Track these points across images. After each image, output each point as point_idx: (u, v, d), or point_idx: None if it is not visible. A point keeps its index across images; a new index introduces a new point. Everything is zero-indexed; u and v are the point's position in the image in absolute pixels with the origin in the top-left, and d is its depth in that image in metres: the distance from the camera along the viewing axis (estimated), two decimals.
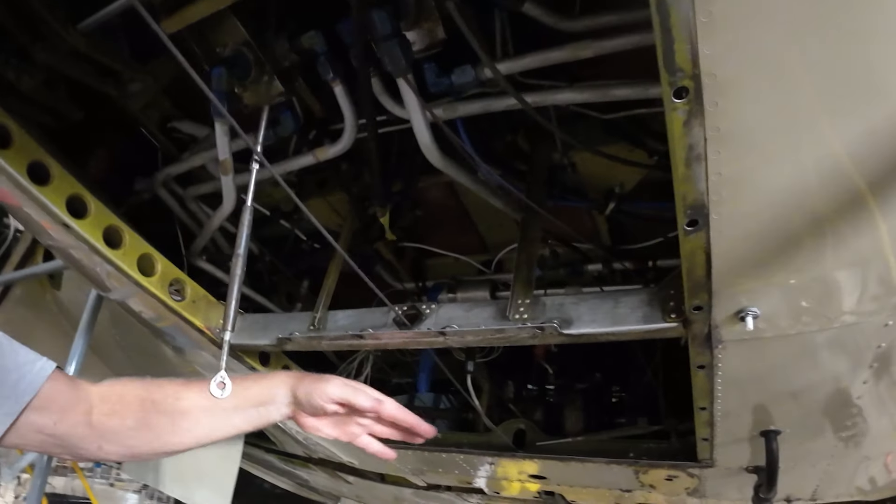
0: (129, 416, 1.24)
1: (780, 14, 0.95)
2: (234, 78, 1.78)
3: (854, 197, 1.29)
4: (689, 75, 1.02)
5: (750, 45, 0.99)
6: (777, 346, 1.67)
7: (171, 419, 1.26)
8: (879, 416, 2.19)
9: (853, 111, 1.14)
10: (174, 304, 2.25)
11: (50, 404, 1.15)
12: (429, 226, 2.92)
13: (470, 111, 1.85)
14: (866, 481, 2.74)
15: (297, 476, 5.17)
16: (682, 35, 0.96)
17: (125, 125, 2.65)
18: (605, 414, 3.09)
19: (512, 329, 1.77)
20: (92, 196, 1.98)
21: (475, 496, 3.86)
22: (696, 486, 2.80)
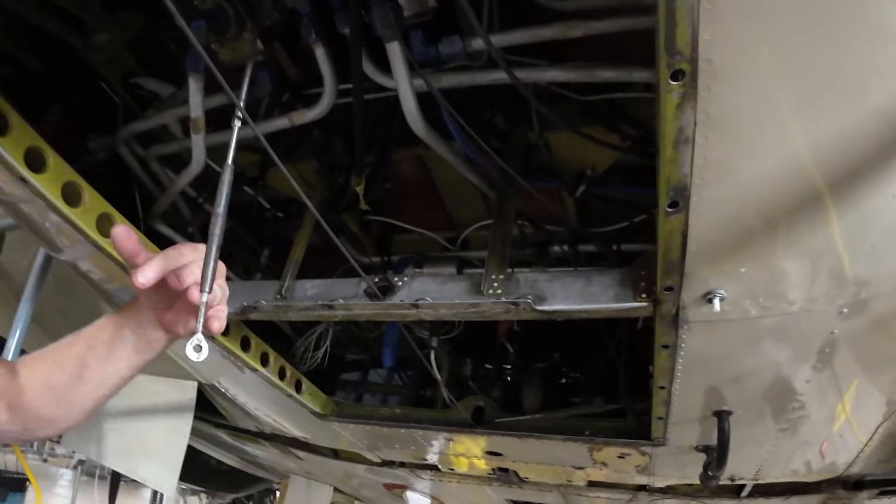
0: (35, 384, 1.20)
1: (780, 8, 0.98)
2: (213, 33, 1.71)
3: (815, 192, 1.35)
4: (687, 59, 1.04)
5: (748, 35, 1.02)
6: (739, 329, 1.74)
7: (68, 372, 1.21)
8: (821, 404, 2.32)
9: (829, 110, 1.19)
10: None
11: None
12: (396, 199, 2.90)
13: (456, 83, 1.84)
14: (803, 465, 2.90)
15: (245, 452, 5.12)
16: (685, 19, 0.98)
17: (84, 80, 2.53)
18: (562, 393, 3.16)
19: (486, 304, 1.79)
20: (51, 150, 1.87)
21: (429, 472, 3.91)
22: (645, 465, 2.92)
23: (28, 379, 1.22)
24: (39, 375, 1.22)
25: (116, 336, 1.20)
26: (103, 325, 1.23)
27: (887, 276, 1.66)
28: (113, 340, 1.20)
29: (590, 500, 3.93)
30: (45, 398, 1.21)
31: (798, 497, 3.21)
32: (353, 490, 5.34)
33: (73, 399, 1.22)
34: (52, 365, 1.22)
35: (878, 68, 1.10)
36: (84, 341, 1.22)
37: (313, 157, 2.59)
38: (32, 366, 1.24)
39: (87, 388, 1.21)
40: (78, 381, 1.20)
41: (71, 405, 1.23)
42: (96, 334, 1.21)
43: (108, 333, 1.21)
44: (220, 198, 1.26)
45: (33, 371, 1.23)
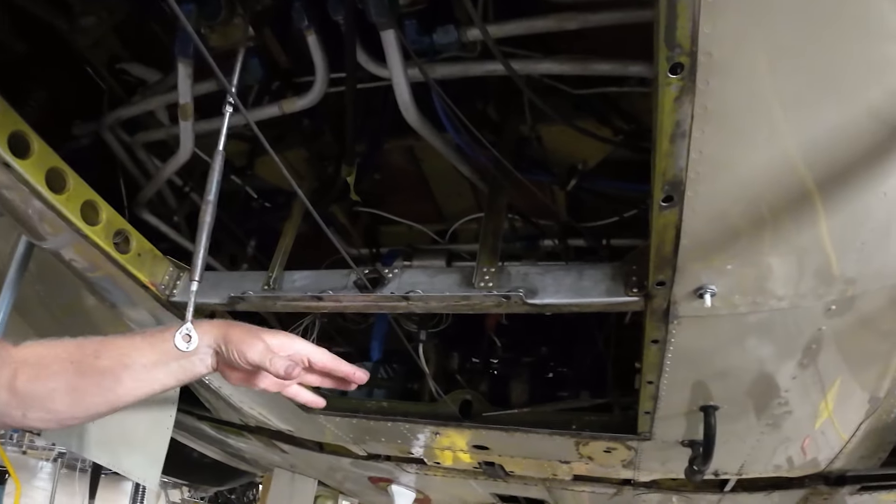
0: (51, 380, 1.18)
1: (780, 3, 0.97)
2: (203, 17, 1.68)
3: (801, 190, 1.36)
4: (686, 52, 1.03)
5: (748, 29, 1.01)
6: (728, 324, 1.75)
7: (92, 380, 1.20)
8: (805, 401, 2.34)
9: (826, 106, 1.20)
10: (118, 257, 2.14)
11: None
12: (385, 190, 2.88)
13: (449, 73, 1.82)
14: (786, 460, 2.93)
15: (229, 445, 5.08)
16: (686, 12, 0.97)
17: (68, 63, 2.48)
18: (550, 387, 3.16)
19: (478, 296, 1.78)
20: (35, 135, 1.83)
21: (414, 466, 3.90)
22: (631, 459, 2.93)
23: (40, 372, 1.20)
24: (57, 374, 1.20)
25: (160, 362, 1.22)
26: (141, 346, 1.23)
27: (876, 273, 1.67)
28: (155, 366, 1.21)
29: (574, 494, 3.95)
30: (60, 396, 1.20)
31: (781, 492, 3.25)
32: (337, 483, 5.32)
33: (93, 405, 1.23)
34: (70, 367, 1.21)
35: (876, 66, 1.10)
36: (117, 358, 1.21)
37: (303, 146, 2.56)
38: (44, 359, 1.22)
39: (111, 399, 1.22)
40: (104, 391, 1.21)
41: (88, 410, 1.24)
42: (134, 355, 1.21)
43: (151, 359, 1.22)
44: (210, 185, 1.24)
45: (46, 365, 1.21)
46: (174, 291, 2.30)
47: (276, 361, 1.22)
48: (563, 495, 4.05)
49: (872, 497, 3.30)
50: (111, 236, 2.13)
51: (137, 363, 1.21)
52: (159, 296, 2.28)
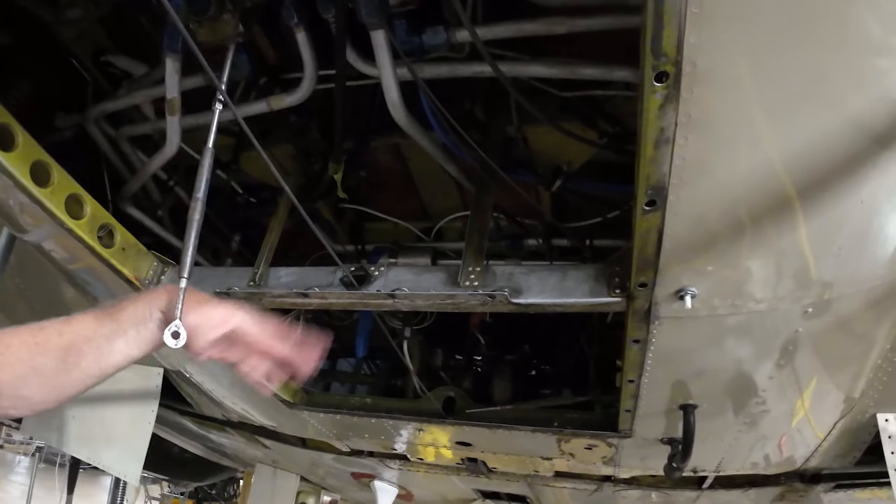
0: (18, 364, 1.18)
1: (765, 16, 1.00)
2: (192, 12, 1.67)
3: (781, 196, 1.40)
4: (671, 61, 1.05)
5: (731, 40, 1.04)
6: (708, 325, 1.78)
7: (56, 357, 1.19)
8: (781, 400, 2.39)
9: (807, 115, 1.23)
10: (103, 251, 2.12)
11: None
12: (370, 188, 2.89)
13: (437, 74, 1.83)
14: (762, 458, 2.99)
15: (210, 440, 5.06)
16: (672, 22, 1.00)
17: (52, 55, 2.45)
18: (532, 385, 3.20)
19: (463, 295, 1.80)
20: (20, 128, 1.82)
21: (397, 461, 3.92)
22: (611, 456, 2.97)
23: (7, 357, 1.19)
24: (22, 357, 1.19)
25: (119, 331, 1.21)
26: (100, 318, 1.22)
27: (851, 278, 1.72)
28: (114, 335, 1.20)
29: (555, 490, 3.99)
30: (27, 380, 1.20)
31: (757, 489, 3.31)
32: (319, 479, 5.32)
33: (60, 384, 1.21)
34: (35, 348, 1.20)
35: (857, 77, 1.13)
36: (78, 333, 1.21)
37: (289, 142, 2.56)
38: (10, 344, 1.21)
39: (78, 377, 1.21)
40: (69, 368, 1.19)
41: (57, 390, 1.22)
42: (95, 327, 1.21)
43: (110, 329, 1.21)
44: (199, 182, 1.25)
45: (12, 350, 1.20)
46: (158, 286, 2.29)
47: (203, 335, 1.21)
48: (544, 491, 4.09)
49: (847, 494, 3.37)
50: (95, 230, 2.12)
51: (98, 335, 1.20)
52: (143, 291, 2.27)
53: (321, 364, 3.92)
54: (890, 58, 1.17)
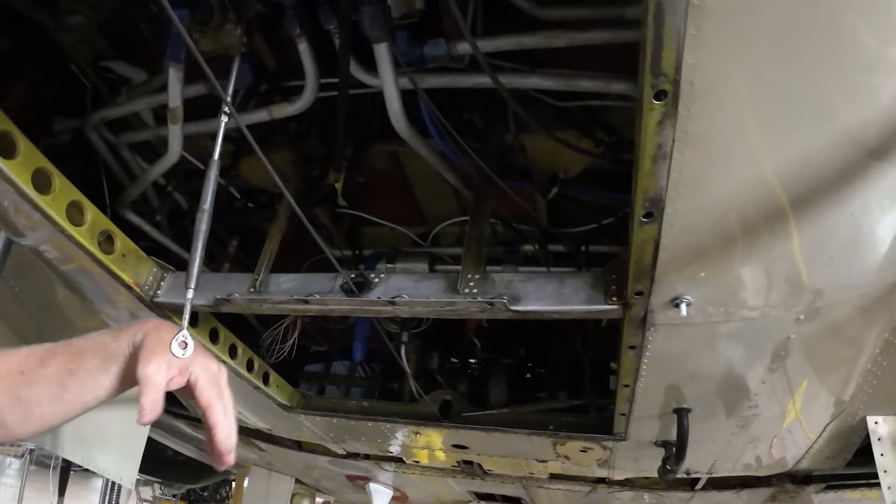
0: (1, 395, 1.16)
1: (760, 36, 1.03)
2: (195, 22, 1.69)
3: (783, 207, 1.43)
4: (670, 80, 1.08)
5: (728, 60, 1.07)
6: (702, 332, 1.82)
7: (39, 389, 1.16)
8: (773, 403, 2.44)
9: (798, 131, 1.27)
10: (103, 258, 2.13)
11: None
12: (367, 193, 2.91)
13: (437, 84, 1.86)
14: (754, 460, 3.04)
15: (203, 442, 5.05)
16: (672, 43, 1.03)
17: (50, 60, 2.45)
18: (528, 388, 3.23)
19: (462, 302, 1.82)
20: (22, 135, 1.83)
21: (393, 464, 3.94)
22: (606, 458, 3.01)
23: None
24: (7, 387, 1.17)
25: (103, 367, 1.17)
26: (84, 352, 1.19)
27: (841, 285, 1.76)
28: (99, 371, 1.17)
29: (549, 492, 4.03)
30: (10, 408, 1.17)
31: (749, 490, 3.36)
32: (314, 481, 5.34)
33: (42, 415, 1.19)
34: (19, 378, 1.18)
35: (849, 93, 1.17)
36: (63, 364, 1.18)
37: (288, 148, 2.57)
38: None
39: (60, 410, 1.18)
40: (53, 401, 1.17)
41: (38, 421, 1.19)
42: (79, 361, 1.18)
43: (94, 364, 1.18)
44: (206, 194, 1.27)
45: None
46: (158, 292, 2.30)
47: (143, 395, 1.11)
48: (538, 493, 4.13)
49: (837, 495, 3.42)
50: (96, 237, 2.13)
51: (82, 369, 1.17)
52: (143, 297, 2.28)
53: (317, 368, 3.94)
54: (882, 73, 1.20)
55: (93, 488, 11.58)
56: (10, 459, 10.88)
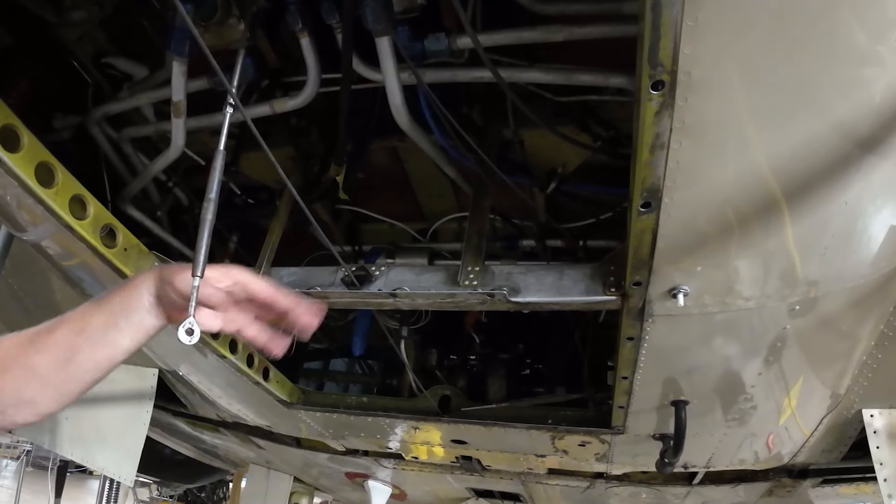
0: (14, 367, 1.17)
1: (756, 28, 1.06)
2: (199, 17, 1.71)
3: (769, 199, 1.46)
4: (667, 70, 1.11)
5: (724, 51, 1.10)
6: (699, 323, 1.85)
7: (51, 355, 1.17)
8: (769, 397, 2.46)
9: (790, 123, 1.29)
10: (105, 252, 2.14)
11: None
12: (367, 189, 2.93)
13: (438, 79, 1.88)
14: (751, 454, 3.06)
15: (203, 441, 5.06)
16: (669, 34, 1.05)
17: (52, 55, 2.47)
18: (526, 383, 3.25)
19: (463, 294, 1.85)
20: (26, 129, 1.84)
21: (392, 460, 3.96)
22: (604, 452, 3.03)
23: (3, 359, 1.19)
24: (18, 358, 1.19)
25: (110, 322, 1.19)
26: (91, 310, 1.21)
27: (836, 276, 1.79)
28: (106, 327, 1.19)
29: (547, 488, 4.05)
30: (26, 381, 1.18)
31: (746, 484, 3.39)
32: (312, 479, 5.34)
33: (60, 383, 1.20)
34: (29, 348, 1.19)
35: (843, 85, 1.19)
36: (70, 327, 1.19)
37: (289, 143, 2.59)
38: (5, 346, 1.21)
39: (76, 373, 1.19)
40: (66, 365, 1.18)
41: (57, 389, 1.20)
42: (86, 319, 1.19)
43: (101, 320, 1.19)
44: (211, 184, 1.29)
45: (7, 352, 1.20)
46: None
47: (205, 290, 1.18)
48: (536, 489, 4.15)
49: (833, 489, 3.46)
50: (98, 231, 2.14)
51: (90, 327, 1.18)
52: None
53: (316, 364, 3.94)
54: (874, 66, 1.23)
55: (90, 489, 11.57)
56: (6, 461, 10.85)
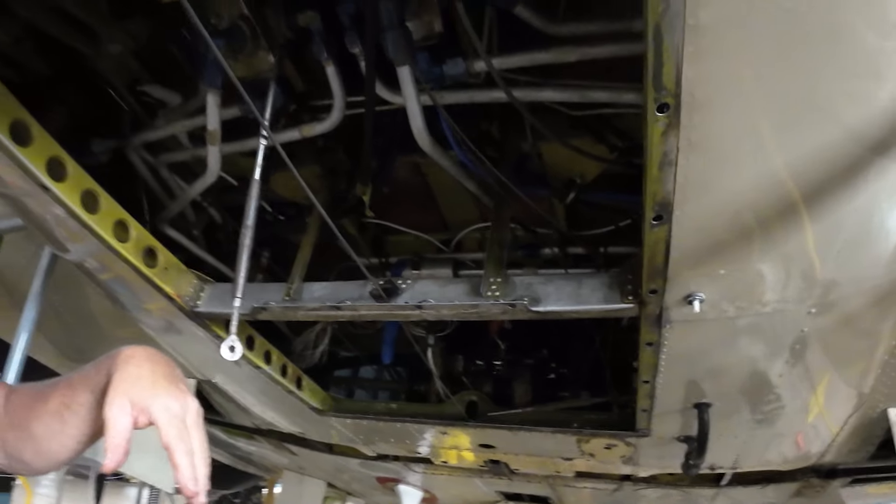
0: (17, 429, 1.23)
1: (757, 49, 1.12)
2: (230, 50, 1.82)
3: (789, 204, 1.51)
4: (671, 94, 1.18)
5: (726, 72, 1.16)
6: (717, 328, 1.90)
7: (44, 424, 1.20)
8: (794, 397, 2.49)
9: (799, 133, 1.35)
10: (147, 272, 2.27)
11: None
12: (391, 202, 3.02)
13: (456, 100, 1.97)
14: (778, 454, 3.08)
15: (238, 448, 5.21)
16: (671, 59, 1.12)
17: (88, 84, 2.61)
18: (551, 388, 3.31)
19: (485, 305, 1.92)
20: (70, 159, 1.97)
21: (422, 465, 4.04)
22: (630, 455, 3.08)
23: (15, 418, 1.25)
24: (24, 422, 1.24)
25: (92, 400, 1.18)
26: (76, 387, 1.21)
27: (851, 279, 1.82)
28: (90, 405, 1.18)
29: (576, 491, 4.10)
30: (25, 444, 1.24)
31: (774, 485, 3.40)
32: (344, 484, 5.46)
33: (51, 450, 1.24)
34: (30, 413, 1.23)
35: (849, 95, 1.24)
36: (60, 400, 1.21)
37: (316, 162, 2.70)
38: (19, 408, 1.26)
39: (67, 444, 1.22)
40: (57, 435, 1.21)
41: (49, 455, 1.25)
42: (71, 395, 1.20)
43: (84, 398, 1.19)
44: (248, 210, 1.39)
45: (18, 416, 1.26)
46: (198, 303, 2.44)
47: (106, 438, 1.07)
48: (565, 492, 4.20)
49: (863, 489, 3.44)
50: (140, 252, 2.27)
51: (75, 402, 1.19)
52: (184, 307, 2.42)
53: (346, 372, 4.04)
54: (881, 72, 1.27)
55: (127, 497, 11.84)
56: None
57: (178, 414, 1.12)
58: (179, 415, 1.12)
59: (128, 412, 1.08)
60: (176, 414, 1.11)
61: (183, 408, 1.13)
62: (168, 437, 1.09)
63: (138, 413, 1.09)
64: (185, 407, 1.14)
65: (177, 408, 1.12)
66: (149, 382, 1.13)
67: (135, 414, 1.09)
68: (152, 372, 1.15)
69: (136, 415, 1.09)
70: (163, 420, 1.09)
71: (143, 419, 1.10)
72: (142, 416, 1.09)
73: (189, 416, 1.14)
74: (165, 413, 1.10)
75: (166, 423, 1.09)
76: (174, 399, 1.13)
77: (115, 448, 1.05)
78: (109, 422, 1.07)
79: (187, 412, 1.14)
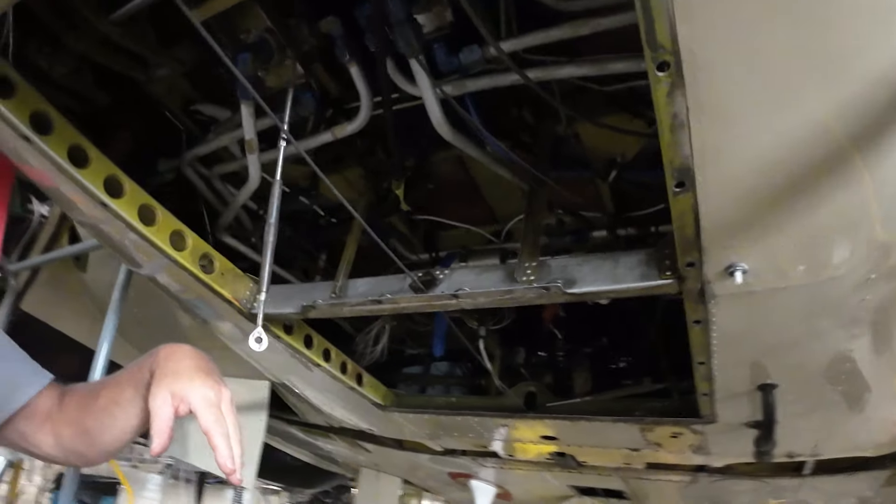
0: (73, 425, 1.36)
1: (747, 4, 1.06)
2: (258, 62, 1.90)
3: (838, 156, 1.39)
4: (669, 51, 1.13)
5: (721, 25, 1.10)
6: (766, 300, 1.79)
7: (96, 419, 1.34)
8: (875, 374, 2.30)
9: (821, 83, 1.25)
10: (204, 277, 2.40)
11: (36, 414, 1.34)
12: (440, 198, 3.05)
13: (478, 87, 1.97)
14: (863, 439, 2.86)
15: (317, 447, 5.39)
16: (662, 16, 1.08)
17: (144, 108, 2.79)
18: (611, 376, 3.23)
19: (519, 290, 1.91)
20: (126, 177, 2.12)
21: (490, 460, 4.04)
22: (700, 443, 2.95)
23: (70, 415, 1.40)
24: (78, 418, 1.39)
25: (137, 396, 1.31)
26: (122, 383, 1.36)
27: None
28: (135, 400, 1.32)
29: (651, 484, 3.97)
30: (80, 438, 1.39)
31: (863, 473, 3.16)
32: (420, 481, 5.53)
33: (104, 443, 1.38)
34: (83, 411, 1.38)
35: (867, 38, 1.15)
36: (109, 397, 1.35)
37: (359, 164, 2.77)
38: (72, 406, 1.41)
39: (117, 436, 1.36)
40: (108, 429, 1.35)
41: (102, 447, 1.39)
42: (118, 391, 1.35)
43: (130, 394, 1.33)
44: (270, 209, 1.45)
45: (72, 413, 1.40)
46: (254, 304, 2.55)
47: (151, 427, 1.20)
48: (639, 485, 4.07)
49: None
50: (197, 260, 2.40)
51: (122, 399, 1.32)
52: (242, 309, 2.54)
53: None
54: None
55: (226, 498, 12.51)
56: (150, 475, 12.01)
57: (214, 402, 1.23)
58: (215, 402, 1.23)
59: (169, 402, 1.21)
60: (212, 402, 1.23)
61: (218, 396, 1.25)
62: (206, 422, 1.20)
63: (178, 402, 1.21)
64: (220, 395, 1.25)
65: (212, 396, 1.23)
66: (186, 376, 1.26)
67: (175, 403, 1.21)
68: (188, 366, 1.28)
69: (176, 404, 1.21)
70: (200, 408, 1.21)
71: (183, 408, 1.22)
72: (182, 405, 1.22)
73: (224, 403, 1.25)
74: (203, 402, 1.22)
75: (204, 410, 1.21)
76: (209, 388, 1.24)
77: (161, 434, 1.18)
78: (154, 412, 1.20)
79: (222, 400, 1.25)
